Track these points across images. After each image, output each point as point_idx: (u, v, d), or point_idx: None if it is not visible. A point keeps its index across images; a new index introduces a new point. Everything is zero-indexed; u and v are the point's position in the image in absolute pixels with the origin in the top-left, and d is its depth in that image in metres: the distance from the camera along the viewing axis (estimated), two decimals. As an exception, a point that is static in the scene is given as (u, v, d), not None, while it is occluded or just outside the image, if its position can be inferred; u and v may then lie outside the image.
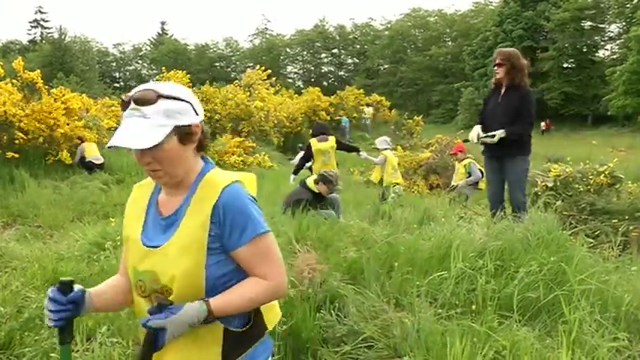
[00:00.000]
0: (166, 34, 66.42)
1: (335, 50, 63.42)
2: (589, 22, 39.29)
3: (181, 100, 1.21)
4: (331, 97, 23.80)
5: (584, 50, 39.66)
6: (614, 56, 39.57)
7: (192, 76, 17.76)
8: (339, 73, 63.71)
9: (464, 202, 6.69)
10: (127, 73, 67.24)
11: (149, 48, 65.37)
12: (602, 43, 41.34)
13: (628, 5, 36.00)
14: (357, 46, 62.17)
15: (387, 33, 58.11)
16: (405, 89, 53.31)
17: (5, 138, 9.35)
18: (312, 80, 56.08)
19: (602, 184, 5.20)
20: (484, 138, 4.22)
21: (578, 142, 22.25)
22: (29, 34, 56.92)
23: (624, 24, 37.23)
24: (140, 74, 64.91)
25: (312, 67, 64.19)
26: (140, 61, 66.97)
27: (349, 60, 63.97)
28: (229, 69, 63.52)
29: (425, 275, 2.78)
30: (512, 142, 4.16)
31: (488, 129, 4.27)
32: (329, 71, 64.71)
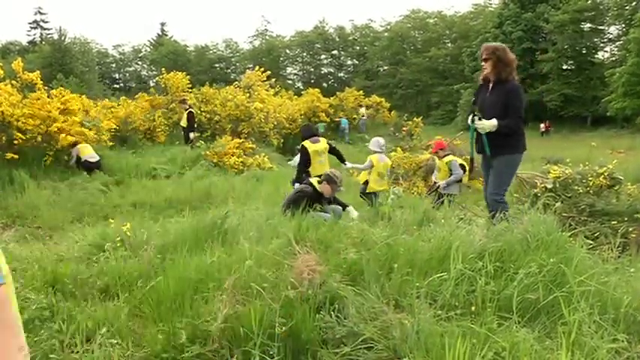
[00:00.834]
0: (166, 35, 66.51)
1: (335, 52, 63.54)
2: (588, 24, 39.40)
3: None
4: (331, 98, 23.90)
5: (583, 52, 39.76)
6: (613, 58, 39.74)
7: (192, 78, 17.76)
8: (338, 74, 63.81)
9: (449, 201, 6.37)
10: (127, 74, 67.45)
11: (149, 49, 65.48)
12: (602, 44, 41.48)
13: (627, 7, 36.10)
14: (357, 48, 62.28)
15: (386, 34, 58.23)
16: (405, 91, 53.42)
17: (4, 139, 9.37)
18: (312, 81, 56.25)
19: (601, 185, 5.20)
20: (477, 122, 4.16)
21: (577, 144, 22.28)
22: (29, 35, 57.15)
23: (623, 26, 37.33)
24: (140, 75, 65.08)
25: (312, 69, 64.30)
26: (140, 63, 67.16)
27: (349, 61, 64.12)
28: (229, 70, 63.66)
29: (424, 276, 2.78)
30: (505, 139, 4.12)
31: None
32: (329, 72, 64.83)
